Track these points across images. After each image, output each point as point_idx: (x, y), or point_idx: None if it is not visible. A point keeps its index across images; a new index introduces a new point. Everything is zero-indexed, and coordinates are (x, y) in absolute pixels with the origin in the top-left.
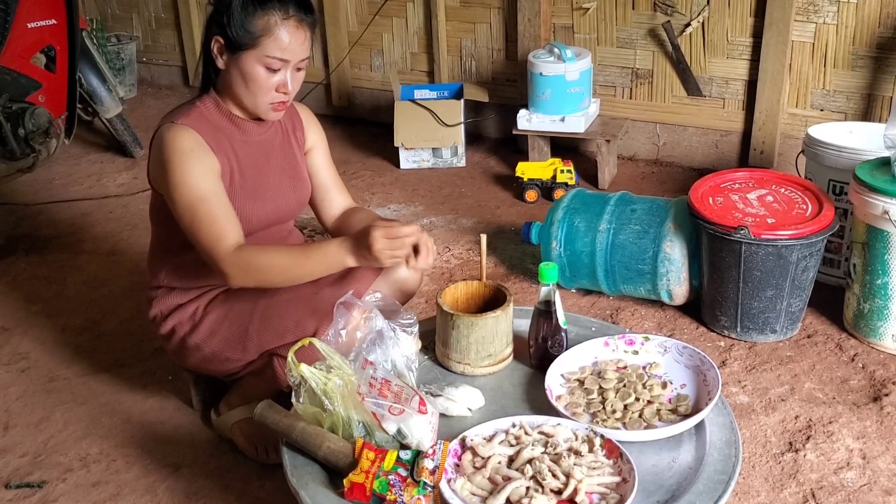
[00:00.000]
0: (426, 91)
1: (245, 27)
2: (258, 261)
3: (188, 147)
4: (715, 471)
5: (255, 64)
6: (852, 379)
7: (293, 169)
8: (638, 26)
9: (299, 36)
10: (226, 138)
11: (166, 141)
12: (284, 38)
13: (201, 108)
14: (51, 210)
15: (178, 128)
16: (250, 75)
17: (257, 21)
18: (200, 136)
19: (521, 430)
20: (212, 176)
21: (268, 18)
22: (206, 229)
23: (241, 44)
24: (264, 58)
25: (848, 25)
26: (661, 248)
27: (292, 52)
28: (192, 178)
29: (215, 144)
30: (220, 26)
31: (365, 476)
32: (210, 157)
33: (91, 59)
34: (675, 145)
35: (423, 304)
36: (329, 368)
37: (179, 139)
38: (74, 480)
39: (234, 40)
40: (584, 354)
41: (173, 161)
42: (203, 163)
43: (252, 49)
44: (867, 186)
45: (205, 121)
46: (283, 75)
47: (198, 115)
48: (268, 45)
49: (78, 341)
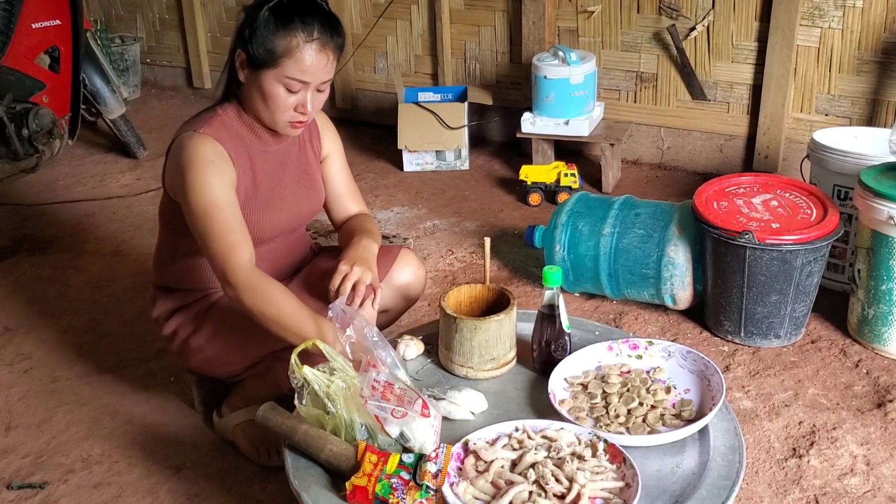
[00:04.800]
0: (430, 94)
1: (267, 46)
2: (270, 292)
3: (208, 157)
4: (718, 476)
5: (275, 83)
6: (856, 385)
7: (308, 178)
8: (642, 30)
9: (322, 59)
10: (244, 148)
11: (187, 149)
12: (306, 60)
13: (223, 117)
14: (54, 211)
15: (200, 136)
16: (269, 94)
17: (279, 41)
18: (221, 146)
19: (524, 434)
20: (229, 187)
21: (290, 39)
22: (221, 238)
23: (262, 62)
24: (284, 78)
25: (853, 30)
26: (664, 252)
27: (313, 74)
28: (209, 186)
29: (234, 154)
30: (244, 41)
31: (367, 479)
32: (229, 169)
33: (95, 59)
34: (679, 149)
35: (427, 307)
36: (332, 371)
37: (200, 148)
38: (76, 481)
39: (255, 57)
40: (588, 358)
41: (192, 169)
42: (222, 174)
43: (273, 68)
44: (872, 192)
45: (225, 130)
46: (302, 96)
47: (219, 124)
48: (288, 66)
49: (80, 342)
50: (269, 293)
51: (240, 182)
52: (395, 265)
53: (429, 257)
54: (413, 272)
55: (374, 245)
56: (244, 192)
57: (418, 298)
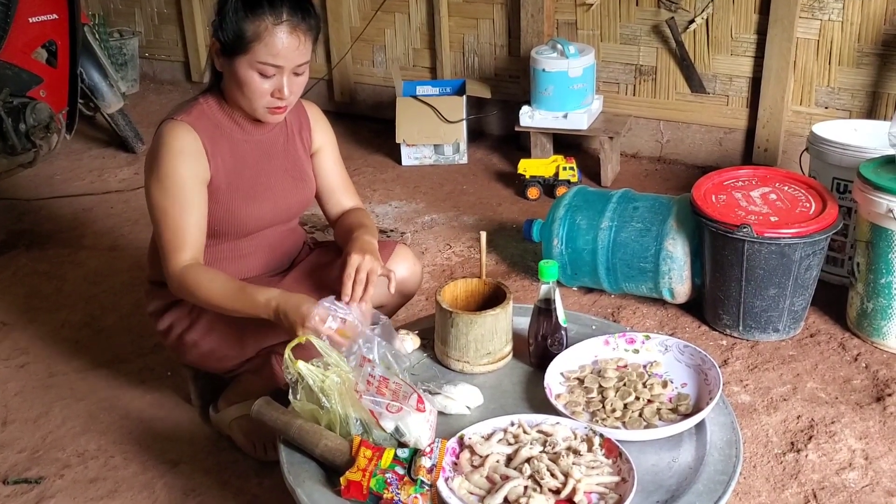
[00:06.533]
0: (428, 87)
1: (237, 32)
2: (197, 286)
3: (180, 147)
4: (715, 471)
5: (248, 69)
6: (855, 379)
7: (296, 169)
8: (641, 22)
9: (293, 41)
10: (225, 137)
11: (162, 136)
12: (276, 43)
13: (203, 106)
14: (52, 205)
15: (177, 124)
16: (244, 80)
17: (248, 26)
18: (198, 135)
19: (519, 428)
20: (194, 182)
21: (259, 23)
22: (169, 236)
23: (234, 48)
24: (256, 63)
25: (853, 22)
26: (663, 246)
27: (285, 57)
28: (173, 179)
29: (211, 144)
30: (215, 29)
31: (362, 474)
32: (201, 163)
33: (92, 53)
34: (678, 142)
35: (424, 301)
36: (326, 365)
37: (175, 137)
38: (72, 476)
39: (226, 44)
40: (585, 353)
41: (162, 157)
42: (190, 167)
43: (244, 54)
44: (871, 185)
45: (205, 118)
46: (278, 80)
47: (199, 113)
48: (259, 50)
49: (77, 337)
50: (195, 292)
51: (219, 172)
52: (390, 261)
53: (426, 252)
54: (409, 268)
55: (374, 241)
56: (225, 180)
57: (414, 294)
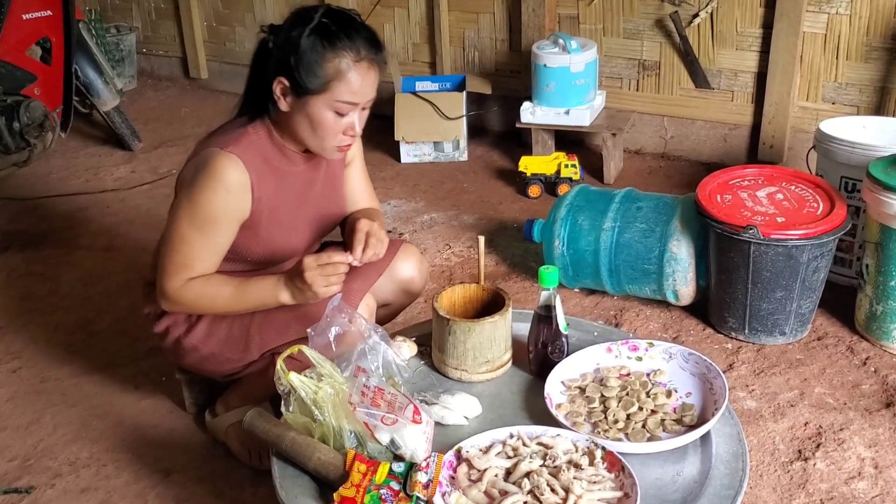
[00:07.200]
0: (428, 83)
1: (315, 72)
2: (198, 298)
3: (225, 184)
4: (721, 485)
5: (324, 109)
6: (864, 384)
7: (334, 192)
8: (645, 17)
9: (370, 77)
10: (272, 172)
11: (208, 165)
12: (355, 81)
13: (252, 136)
14: (47, 205)
15: (226, 156)
16: (318, 120)
17: (328, 65)
18: (246, 170)
19: (518, 440)
20: (227, 221)
21: (339, 61)
22: (179, 260)
23: (310, 89)
24: (334, 102)
25: (862, 16)
26: (667, 247)
27: (363, 94)
28: (206, 213)
29: (258, 179)
30: (286, 68)
31: (356, 490)
32: (243, 200)
33: (88, 50)
34: (682, 139)
35: (423, 303)
36: (320, 377)
37: (222, 171)
38: (63, 486)
39: (301, 84)
40: (586, 360)
41: (201, 188)
42: (229, 205)
43: (321, 94)
44: (881, 184)
45: (253, 149)
46: (351, 118)
47: (248, 143)
48: (338, 89)
49: (71, 340)
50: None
51: (261, 205)
52: (396, 259)
53: (426, 252)
54: (415, 266)
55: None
56: (267, 215)
57: (420, 293)
